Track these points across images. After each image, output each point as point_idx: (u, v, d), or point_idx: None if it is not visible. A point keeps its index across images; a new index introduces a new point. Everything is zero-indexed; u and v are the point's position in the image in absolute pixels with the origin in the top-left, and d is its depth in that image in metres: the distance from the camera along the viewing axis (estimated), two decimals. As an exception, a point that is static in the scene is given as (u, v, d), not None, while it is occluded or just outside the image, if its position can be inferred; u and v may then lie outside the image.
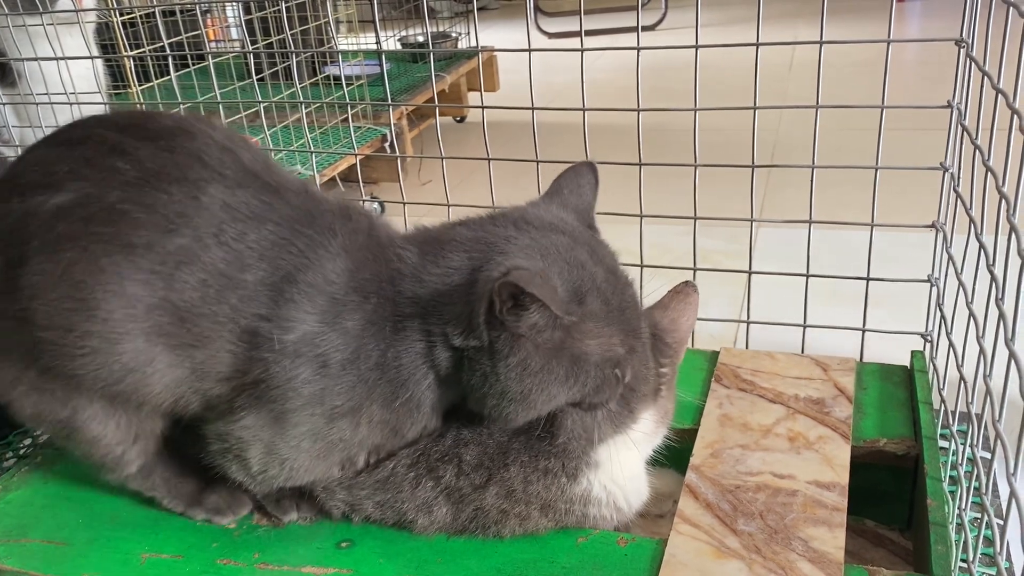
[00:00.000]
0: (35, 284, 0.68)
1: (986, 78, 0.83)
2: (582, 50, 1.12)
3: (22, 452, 1.15)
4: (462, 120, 3.19)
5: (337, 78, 2.47)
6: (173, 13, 2.45)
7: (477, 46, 1.35)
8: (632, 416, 0.77)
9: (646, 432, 0.79)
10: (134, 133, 0.72)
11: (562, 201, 0.77)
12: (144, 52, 1.86)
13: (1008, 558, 0.84)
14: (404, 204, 1.28)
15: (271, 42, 2.39)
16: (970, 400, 0.82)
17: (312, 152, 1.59)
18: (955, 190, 0.96)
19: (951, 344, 0.93)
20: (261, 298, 0.68)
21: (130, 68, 1.90)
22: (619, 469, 0.78)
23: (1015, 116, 0.68)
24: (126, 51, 1.90)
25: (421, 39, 3.07)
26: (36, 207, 0.69)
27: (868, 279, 1.09)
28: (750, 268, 1.15)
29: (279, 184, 0.72)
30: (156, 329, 0.68)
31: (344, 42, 3.12)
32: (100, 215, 0.68)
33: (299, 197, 0.72)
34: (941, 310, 1.01)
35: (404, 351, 0.68)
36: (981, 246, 0.81)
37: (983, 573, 0.80)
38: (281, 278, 0.68)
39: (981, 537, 0.73)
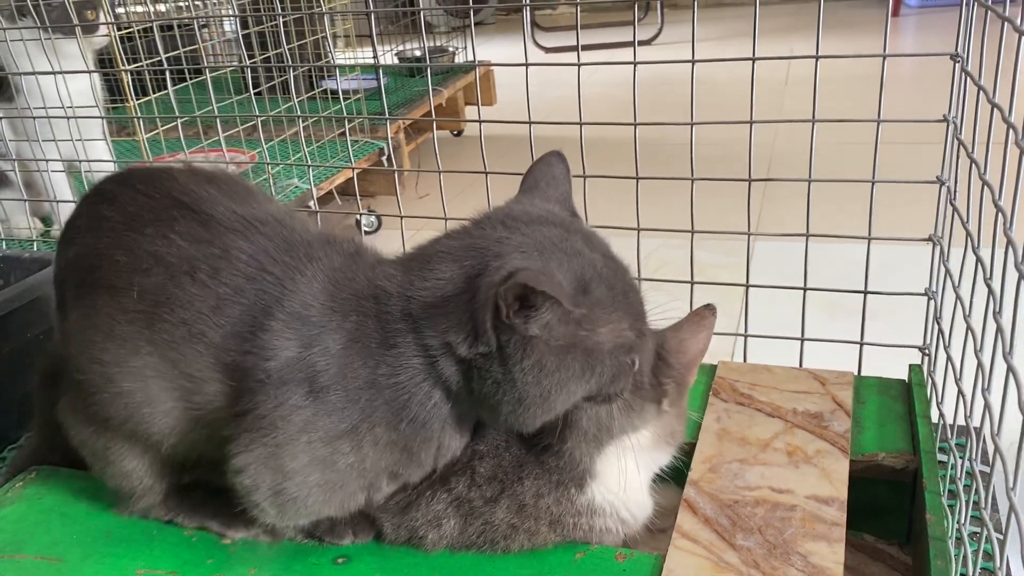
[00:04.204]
0: (67, 331, 0.77)
1: (981, 92, 0.83)
2: (579, 64, 1.12)
3: (17, 467, 1.15)
4: (459, 134, 3.20)
5: (334, 92, 2.48)
6: (171, 27, 2.46)
7: (474, 60, 1.35)
8: (639, 407, 0.75)
9: (644, 445, 0.79)
10: (122, 181, 0.79)
11: (543, 194, 0.75)
12: (142, 66, 1.87)
13: (1008, 572, 0.84)
14: (401, 217, 1.28)
15: (268, 56, 2.40)
16: (968, 414, 0.82)
17: (309, 166, 1.59)
18: (952, 203, 0.96)
19: (949, 358, 0.93)
20: (242, 332, 0.68)
21: (127, 82, 1.90)
22: (617, 479, 0.77)
23: (1011, 130, 0.68)
24: (124, 65, 1.91)
25: (418, 53, 3.08)
26: (63, 261, 0.80)
27: (865, 292, 1.08)
28: (747, 281, 1.15)
29: (256, 216, 0.73)
30: (148, 369, 0.70)
31: (341, 56, 3.13)
32: (92, 262, 0.75)
33: (276, 227, 0.73)
34: (939, 323, 1.01)
35: (399, 369, 0.66)
36: (978, 259, 0.81)
37: (983, 588, 0.80)
38: (259, 310, 0.68)
39: (981, 551, 0.73)
